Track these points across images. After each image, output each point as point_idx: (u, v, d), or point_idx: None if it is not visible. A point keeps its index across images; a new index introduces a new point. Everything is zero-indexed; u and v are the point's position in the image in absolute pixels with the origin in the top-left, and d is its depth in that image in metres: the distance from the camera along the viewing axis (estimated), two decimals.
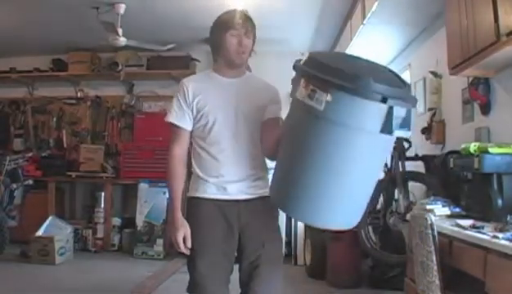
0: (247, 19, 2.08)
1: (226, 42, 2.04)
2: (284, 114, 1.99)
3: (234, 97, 2.05)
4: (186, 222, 2.01)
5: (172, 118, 2.08)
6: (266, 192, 2.07)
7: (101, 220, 5.89)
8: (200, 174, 2.04)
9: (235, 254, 2.05)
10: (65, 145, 6.52)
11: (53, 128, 6.62)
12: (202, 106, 2.03)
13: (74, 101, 6.61)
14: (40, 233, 5.19)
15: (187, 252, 2.00)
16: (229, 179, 2.00)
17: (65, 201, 6.49)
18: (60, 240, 5.18)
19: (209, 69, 2.20)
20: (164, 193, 5.74)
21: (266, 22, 4.89)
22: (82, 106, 6.61)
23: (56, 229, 5.32)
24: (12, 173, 5.32)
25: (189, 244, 1.99)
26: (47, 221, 5.37)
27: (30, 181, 5.50)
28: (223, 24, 2.07)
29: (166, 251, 5.57)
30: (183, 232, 1.99)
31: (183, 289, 2.08)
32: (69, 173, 6.09)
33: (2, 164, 5.25)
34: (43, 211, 5.73)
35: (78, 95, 6.60)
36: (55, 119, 6.60)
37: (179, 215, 2.02)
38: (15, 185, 5.27)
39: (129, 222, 5.96)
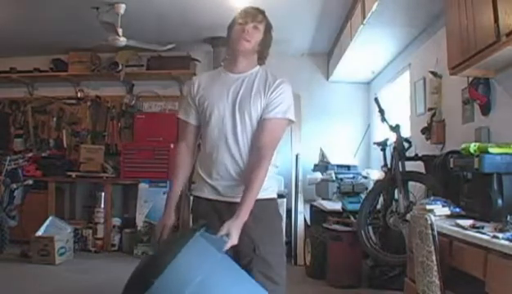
0: (254, 10, 2.08)
1: (232, 33, 2.06)
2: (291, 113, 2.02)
3: (234, 93, 2.00)
4: (170, 215, 2.07)
5: (180, 113, 2.15)
6: (265, 194, 1.98)
7: (101, 220, 5.89)
8: (200, 172, 2.05)
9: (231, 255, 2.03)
10: (65, 145, 6.52)
11: (53, 128, 6.62)
12: (202, 101, 2.05)
13: (74, 101, 6.62)
14: (40, 233, 5.19)
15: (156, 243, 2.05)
16: (222, 179, 1.97)
17: (65, 201, 6.49)
18: (60, 240, 5.18)
19: (220, 67, 2.20)
20: (164, 193, 5.74)
21: None
22: (82, 106, 6.61)
23: (56, 229, 5.32)
24: (12, 173, 5.32)
25: (165, 236, 2.03)
26: (47, 221, 5.37)
27: (30, 181, 5.50)
28: (233, 19, 2.09)
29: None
30: (162, 224, 2.05)
31: None
32: (69, 173, 6.09)
33: (2, 164, 5.25)
34: (43, 211, 5.74)
35: (78, 95, 6.60)
36: (55, 119, 6.61)
37: (168, 207, 2.09)
38: (15, 185, 5.26)
39: (129, 222, 5.96)
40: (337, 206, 4.91)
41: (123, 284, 1.65)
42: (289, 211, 5.52)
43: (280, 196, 5.24)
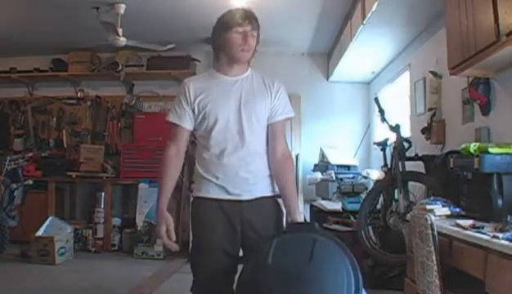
0: (253, 17, 2.07)
1: (230, 39, 2.03)
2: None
3: (237, 96, 2.04)
4: (168, 215, 2.03)
5: (171, 116, 2.09)
6: (270, 191, 2.09)
7: (101, 220, 5.90)
8: (203, 174, 2.04)
9: (240, 254, 2.05)
10: (65, 145, 6.52)
11: (53, 128, 6.62)
12: (204, 105, 2.03)
13: (74, 101, 6.62)
14: (40, 233, 5.19)
15: (172, 246, 2.01)
16: (231, 179, 2.00)
17: (65, 201, 6.49)
18: (60, 240, 5.18)
19: (211, 68, 2.19)
20: None
21: (266, 22, 4.88)
22: (82, 106, 6.61)
23: (56, 229, 5.32)
24: (12, 173, 5.31)
25: (173, 237, 2.00)
26: (47, 221, 5.37)
27: (30, 181, 5.50)
28: (229, 21, 2.04)
29: (166, 251, 5.57)
30: (165, 225, 2.00)
31: (183, 289, 2.08)
32: (69, 173, 6.09)
33: (2, 164, 5.25)
34: (43, 211, 5.74)
35: (78, 95, 6.60)
36: (55, 119, 6.60)
37: (163, 209, 2.03)
38: (15, 185, 5.26)
39: (129, 222, 5.96)
40: (337, 206, 4.91)
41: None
42: None
43: (279, 196, 5.27)
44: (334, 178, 5.23)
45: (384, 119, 3.97)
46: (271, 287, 1.71)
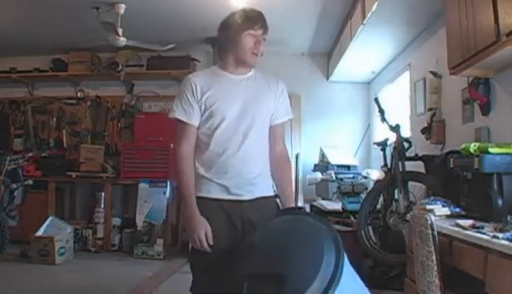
0: (265, 21, 2.05)
1: (242, 41, 2.00)
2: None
3: (242, 95, 2.03)
4: (204, 219, 1.96)
5: (179, 114, 2.03)
6: (270, 191, 2.10)
7: (101, 220, 5.90)
8: (204, 173, 2.02)
9: None
10: (65, 145, 6.52)
11: (53, 128, 6.62)
12: (211, 103, 2.00)
13: (74, 101, 6.62)
14: (40, 233, 5.19)
15: (209, 249, 1.96)
16: (233, 179, 1.99)
17: (65, 201, 6.49)
18: (60, 240, 5.17)
19: (214, 66, 2.17)
20: (164, 193, 5.75)
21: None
22: (82, 106, 6.61)
23: (56, 229, 5.32)
24: (12, 173, 5.31)
25: (210, 241, 1.95)
26: (47, 221, 5.37)
27: (30, 181, 5.50)
28: (243, 22, 2.01)
29: (166, 251, 5.57)
30: (204, 229, 1.95)
31: (183, 289, 2.08)
32: (69, 173, 6.09)
33: (2, 164, 5.25)
34: (43, 211, 5.75)
35: (78, 95, 6.60)
36: (55, 119, 6.60)
37: (197, 212, 1.97)
38: (15, 185, 5.26)
39: (129, 222, 5.96)
40: (337, 206, 4.91)
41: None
42: None
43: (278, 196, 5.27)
44: (334, 178, 5.23)
45: (383, 119, 3.97)
46: (256, 264, 1.76)
